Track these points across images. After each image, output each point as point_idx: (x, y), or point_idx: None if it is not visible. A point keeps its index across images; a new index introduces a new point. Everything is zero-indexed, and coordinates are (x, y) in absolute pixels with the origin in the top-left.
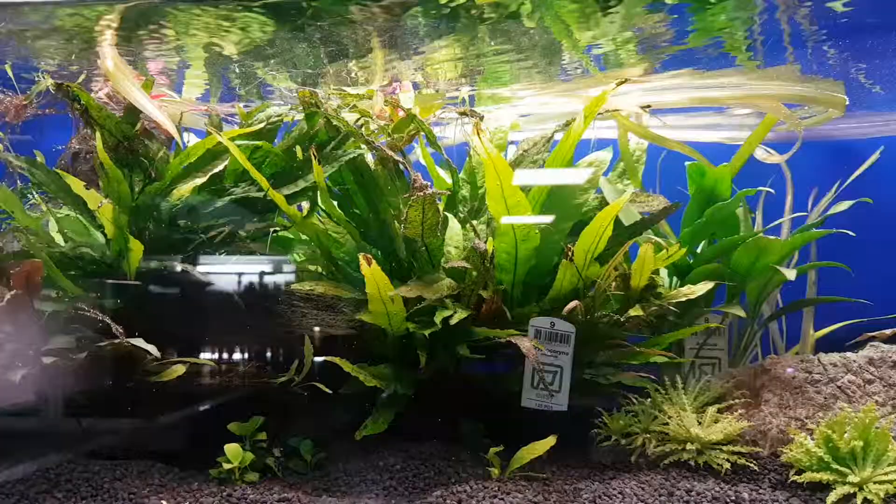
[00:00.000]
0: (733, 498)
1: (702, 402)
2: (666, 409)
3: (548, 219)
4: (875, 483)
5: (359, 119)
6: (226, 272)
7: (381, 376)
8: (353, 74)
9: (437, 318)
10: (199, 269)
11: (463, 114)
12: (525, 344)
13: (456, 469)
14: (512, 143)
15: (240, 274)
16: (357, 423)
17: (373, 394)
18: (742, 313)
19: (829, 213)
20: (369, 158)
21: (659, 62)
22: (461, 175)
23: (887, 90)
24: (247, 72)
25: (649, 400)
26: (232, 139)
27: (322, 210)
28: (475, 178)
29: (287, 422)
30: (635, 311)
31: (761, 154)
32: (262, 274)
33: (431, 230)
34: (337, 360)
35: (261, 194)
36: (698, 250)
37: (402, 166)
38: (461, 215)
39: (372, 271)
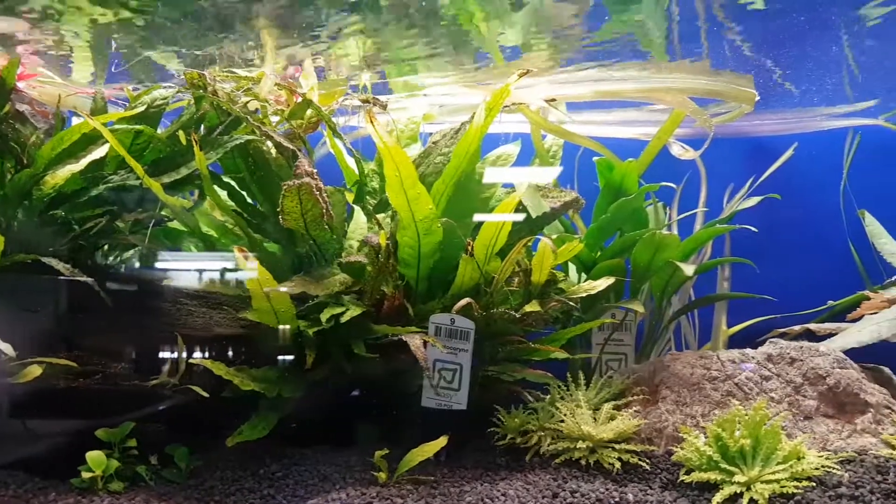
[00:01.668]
0: (618, 499)
1: (601, 398)
2: (558, 407)
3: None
4: (762, 483)
5: (247, 102)
6: (104, 266)
7: (263, 379)
8: (250, 57)
9: (324, 316)
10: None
11: (364, 101)
12: (415, 342)
13: (343, 475)
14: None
15: (120, 268)
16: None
17: (262, 397)
18: (641, 309)
19: (736, 209)
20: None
21: (567, 55)
22: (371, 166)
23: (800, 87)
24: (133, 51)
25: (549, 397)
26: (111, 123)
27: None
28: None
29: (169, 427)
30: (532, 307)
31: (677, 150)
32: (143, 269)
33: (316, 222)
34: (208, 362)
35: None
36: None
37: (305, 153)
38: (369, 208)
39: (251, 265)
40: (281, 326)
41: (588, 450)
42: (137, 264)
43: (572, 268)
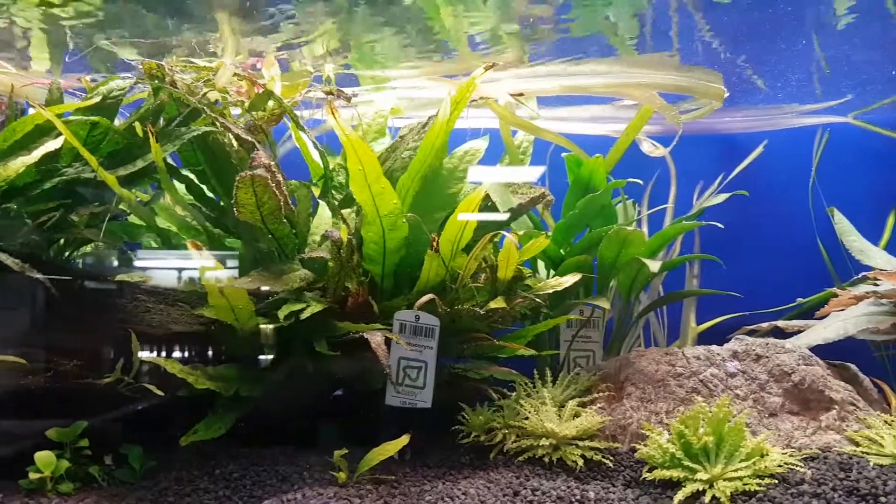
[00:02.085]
0: (578, 497)
1: (567, 395)
2: (522, 404)
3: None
4: (725, 480)
5: (205, 93)
6: (59, 261)
7: (220, 377)
8: (211, 48)
9: (282, 313)
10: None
11: (328, 93)
12: (375, 339)
13: (302, 475)
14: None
15: (76, 264)
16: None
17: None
18: (607, 305)
19: (704, 205)
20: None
21: (536, 49)
22: (338, 160)
23: (770, 84)
24: (89, 41)
25: (514, 394)
26: (67, 114)
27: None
28: None
29: (125, 427)
30: (497, 303)
31: (648, 148)
32: (101, 264)
33: (273, 216)
34: (161, 360)
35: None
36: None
37: (265, 146)
38: (334, 203)
39: (204, 260)
40: (239, 324)
41: (551, 447)
42: (97, 260)
43: (542, 264)
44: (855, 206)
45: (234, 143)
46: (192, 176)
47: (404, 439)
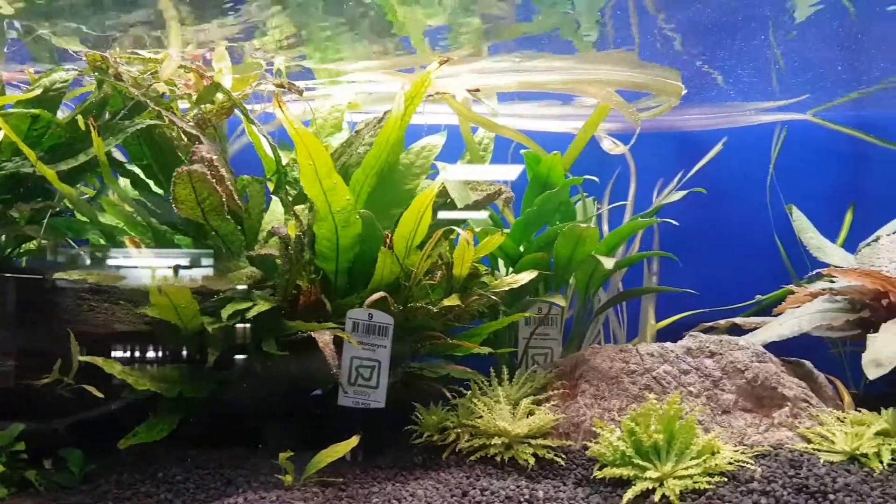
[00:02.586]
0: (527, 496)
1: (522, 393)
2: (476, 403)
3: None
4: (675, 478)
5: (150, 86)
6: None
7: (162, 378)
8: (160, 39)
9: (226, 313)
10: None
11: (279, 86)
12: (323, 338)
13: (248, 478)
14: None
15: (18, 262)
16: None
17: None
18: (562, 302)
19: (662, 203)
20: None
21: (495, 44)
22: (292, 155)
23: (729, 81)
24: (30, 31)
25: (469, 393)
26: (9, 106)
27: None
28: None
29: (66, 430)
30: (451, 301)
31: (608, 145)
32: (45, 262)
33: (215, 212)
34: (100, 360)
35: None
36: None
37: (213, 140)
38: (287, 198)
39: (143, 257)
40: (183, 323)
41: (503, 446)
42: (42, 257)
43: (501, 262)
44: (814, 204)
45: (184, 137)
46: (138, 171)
47: (354, 441)
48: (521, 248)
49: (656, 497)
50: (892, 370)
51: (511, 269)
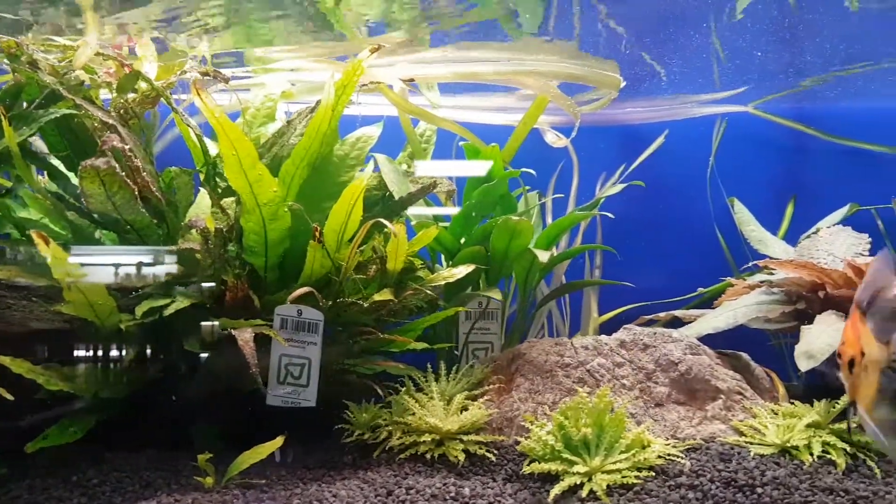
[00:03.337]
0: (453, 494)
1: (458, 389)
2: (407, 399)
3: None
4: (603, 473)
5: (65, 73)
6: None
7: (77, 378)
8: (78, 25)
9: (140, 310)
10: None
11: (204, 74)
12: (243, 336)
13: (168, 480)
14: None
15: None
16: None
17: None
18: (499, 296)
19: (601, 196)
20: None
21: (435, 32)
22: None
23: (670, 74)
24: None
25: (404, 389)
26: None
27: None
28: None
29: None
30: (383, 296)
31: (551, 138)
32: None
33: (128, 206)
34: (7, 360)
35: None
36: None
37: (134, 131)
38: (216, 191)
39: (53, 253)
40: (100, 321)
41: (434, 443)
42: None
43: (442, 256)
44: (756, 196)
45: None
46: (57, 162)
47: (278, 441)
48: (462, 242)
49: (584, 492)
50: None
51: (451, 264)
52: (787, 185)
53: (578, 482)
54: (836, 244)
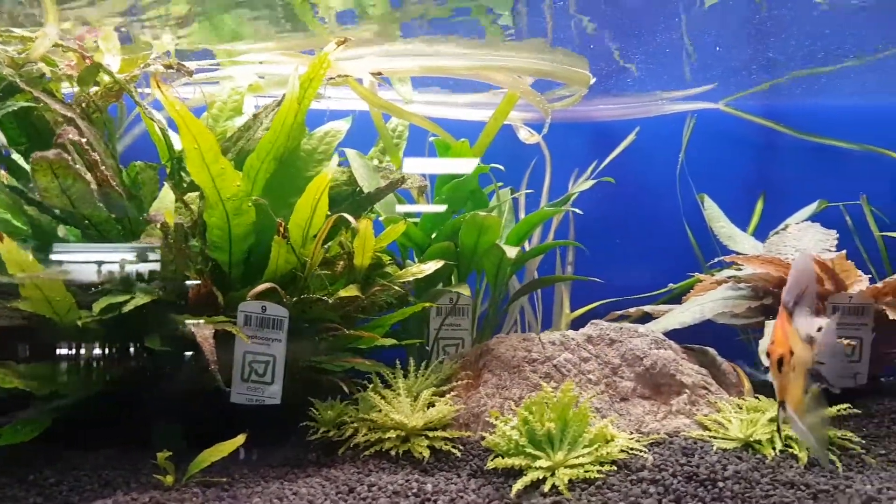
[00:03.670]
0: (415, 490)
1: (425, 385)
2: (372, 396)
3: None
4: (566, 468)
5: (23, 65)
6: None
7: (33, 376)
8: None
9: (98, 307)
10: None
11: (168, 67)
12: (202, 333)
13: (127, 479)
14: None
15: None
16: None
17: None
18: (467, 292)
19: (572, 192)
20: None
21: (403, 25)
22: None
23: (642, 70)
24: None
25: (371, 386)
26: None
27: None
28: None
29: None
30: (348, 292)
31: (524, 135)
32: None
33: (85, 200)
34: None
35: None
36: None
37: (95, 124)
38: (182, 186)
39: (7, 248)
40: (58, 317)
41: (399, 439)
42: None
43: (414, 252)
44: (727, 192)
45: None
46: (15, 156)
47: (240, 439)
48: (433, 238)
49: (546, 487)
50: None
51: (421, 259)
52: (757, 181)
53: (541, 477)
54: (804, 240)
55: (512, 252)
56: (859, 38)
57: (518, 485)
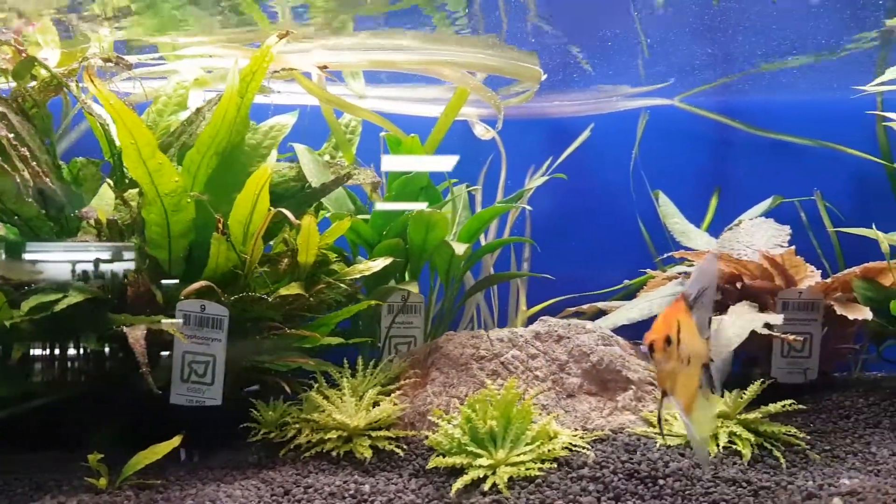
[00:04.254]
0: (352, 491)
1: (373, 384)
2: (314, 396)
3: None
4: (508, 465)
5: None
6: None
7: None
8: None
9: (26, 306)
10: None
11: (106, 60)
12: (134, 334)
13: (59, 482)
14: None
15: None
16: None
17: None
18: (415, 289)
19: (525, 189)
20: None
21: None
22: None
23: (597, 66)
24: None
25: (316, 386)
26: None
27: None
28: None
29: None
30: (289, 290)
31: (480, 131)
32: None
33: (12, 196)
34: None
35: None
36: None
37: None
38: (124, 182)
39: None
40: None
41: (341, 440)
42: None
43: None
44: (683, 189)
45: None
46: None
47: (175, 440)
48: (381, 235)
49: (486, 485)
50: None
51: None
52: (712, 177)
53: (482, 475)
54: (756, 236)
55: (460, 248)
56: (814, 35)
57: (458, 483)
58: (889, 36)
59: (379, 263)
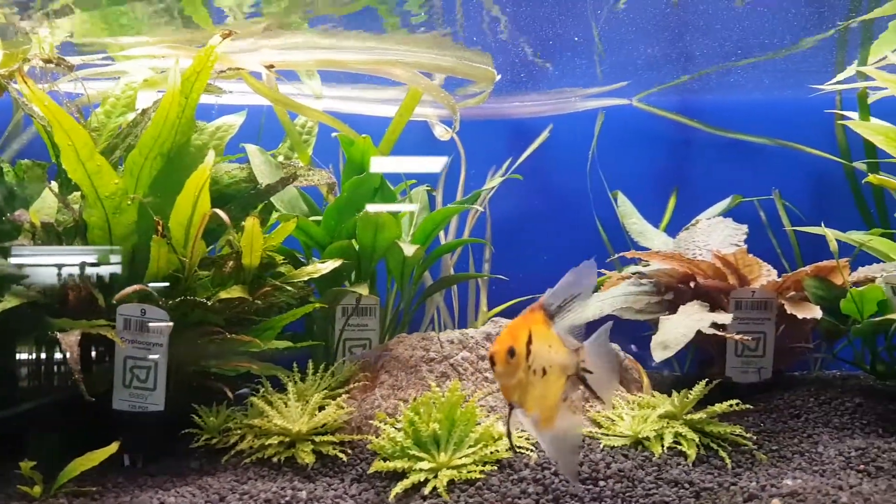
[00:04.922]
0: (289, 498)
1: (320, 388)
2: (257, 401)
3: None
4: (450, 469)
5: None
6: None
7: None
8: None
9: None
10: None
11: (47, 61)
12: (68, 339)
13: None
14: None
15: None
16: None
17: None
18: (364, 291)
19: (483, 189)
20: None
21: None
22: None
23: (555, 67)
24: None
25: (262, 390)
26: None
27: None
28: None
29: None
30: (232, 293)
31: (440, 132)
32: None
33: None
34: None
35: None
36: None
37: None
38: (65, 185)
39: None
40: None
41: (283, 445)
42: None
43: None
44: (641, 189)
45: None
46: None
47: (112, 447)
48: (333, 236)
49: (427, 489)
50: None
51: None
52: (670, 177)
53: (423, 479)
54: (713, 235)
55: (409, 250)
56: (770, 35)
57: (397, 488)
58: (846, 36)
59: (328, 265)
